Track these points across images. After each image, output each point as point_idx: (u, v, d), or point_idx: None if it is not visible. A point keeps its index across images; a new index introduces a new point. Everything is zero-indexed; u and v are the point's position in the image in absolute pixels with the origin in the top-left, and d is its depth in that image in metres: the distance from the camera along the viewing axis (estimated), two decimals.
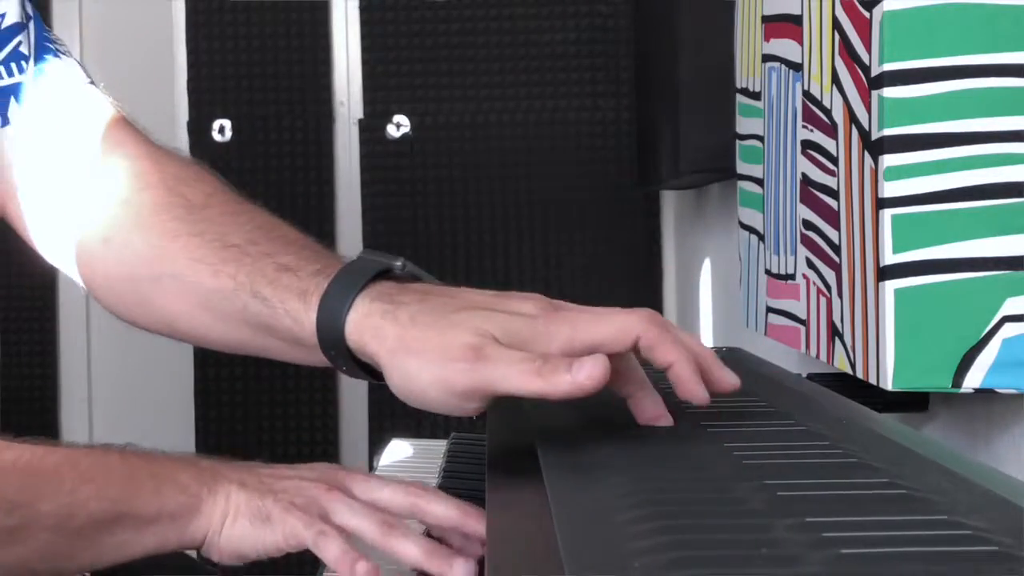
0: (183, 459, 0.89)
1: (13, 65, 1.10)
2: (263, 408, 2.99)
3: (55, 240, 1.11)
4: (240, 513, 0.86)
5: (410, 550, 0.83)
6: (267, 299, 0.93)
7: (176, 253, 1.01)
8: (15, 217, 1.13)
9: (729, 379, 0.84)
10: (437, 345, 0.82)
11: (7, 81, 1.10)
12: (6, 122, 1.10)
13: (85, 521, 0.84)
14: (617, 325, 0.81)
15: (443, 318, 0.83)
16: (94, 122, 1.11)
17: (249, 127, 2.98)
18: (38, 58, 1.12)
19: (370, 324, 0.86)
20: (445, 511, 0.86)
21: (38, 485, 0.83)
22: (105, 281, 1.08)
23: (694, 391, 0.81)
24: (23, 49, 1.11)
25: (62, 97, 1.12)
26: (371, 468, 1.38)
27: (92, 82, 1.13)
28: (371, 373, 0.89)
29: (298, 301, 0.91)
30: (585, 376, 0.77)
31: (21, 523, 0.82)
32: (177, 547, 0.87)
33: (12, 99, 1.10)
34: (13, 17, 1.11)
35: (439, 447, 1.33)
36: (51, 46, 1.13)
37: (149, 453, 0.89)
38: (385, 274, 0.89)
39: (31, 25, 1.12)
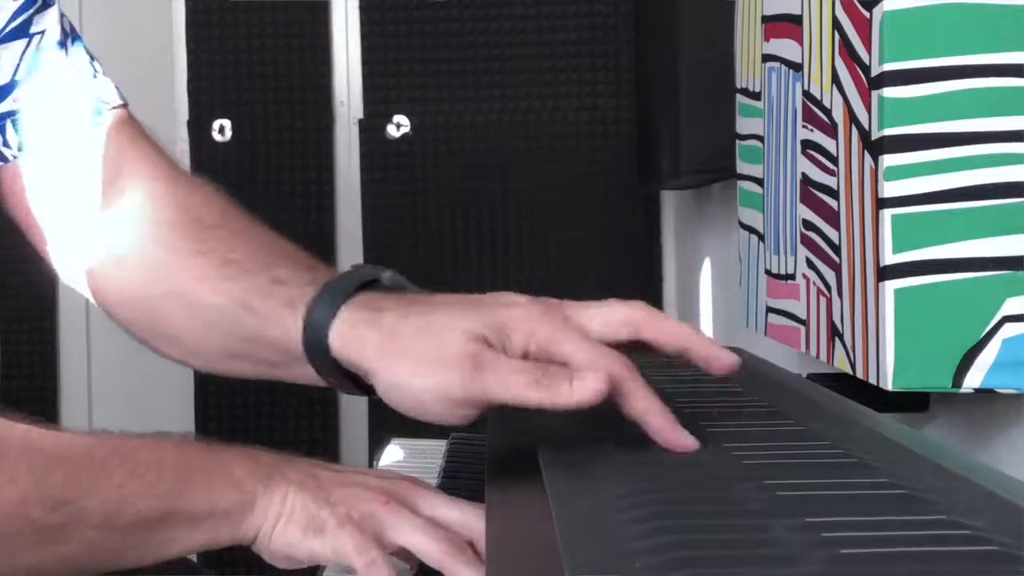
0: (240, 452, 0.86)
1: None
2: (263, 408, 2.99)
3: (75, 262, 1.11)
4: (294, 518, 0.83)
5: None
6: (258, 311, 0.94)
7: (183, 271, 1.02)
8: (38, 238, 1.13)
9: (727, 360, 0.81)
10: (431, 351, 0.81)
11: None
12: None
13: (133, 518, 0.81)
14: (595, 361, 0.80)
15: (431, 321, 0.83)
16: (119, 146, 1.11)
17: (249, 127, 2.99)
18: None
19: (354, 333, 0.86)
20: None
21: (85, 480, 0.80)
22: (119, 300, 1.09)
23: (672, 438, 0.78)
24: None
25: (86, 119, 1.11)
26: (371, 468, 1.38)
27: (124, 104, 1.13)
28: (358, 385, 0.89)
29: (286, 310, 0.91)
30: (590, 392, 0.77)
31: (66, 520, 0.79)
32: (229, 543, 0.84)
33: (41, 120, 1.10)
34: (54, 34, 1.11)
35: (439, 447, 1.33)
36: (91, 69, 1.13)
37: (205, 444, 0.86)
38: (372, 284, 0.89)
39: (69, 43, 1.12)
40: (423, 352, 0.82)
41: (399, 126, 2.95)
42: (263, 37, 2.99)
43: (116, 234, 1.08)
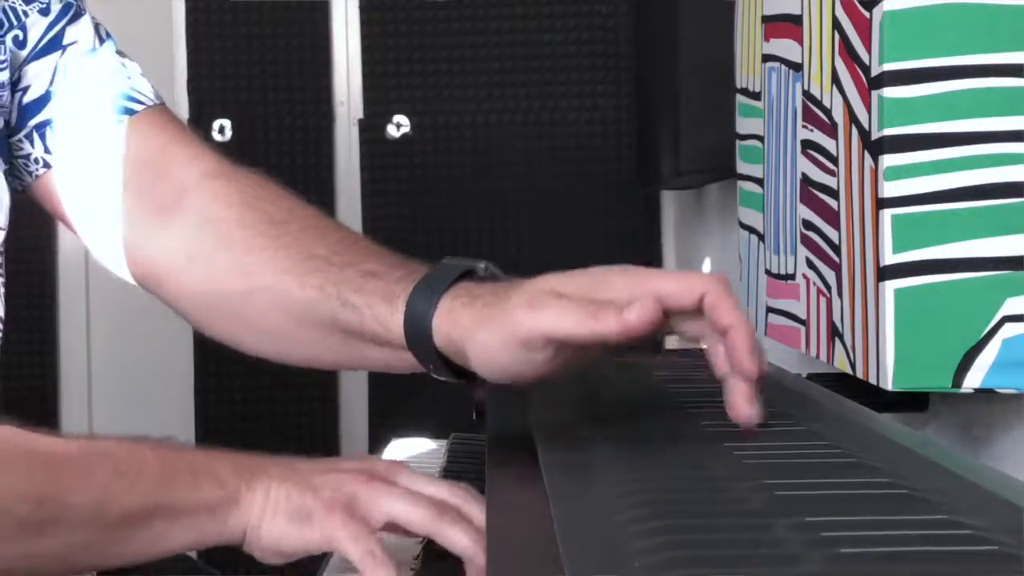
0: (220, 453, 0.88)
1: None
2: (263, 408, 2.99)
3: (118, 260, 1.12)
4: (279, 510, 0.84)
5: (460, 539, 0.82)
6: (355, 305, 0.96)
7: (263, 267, 1.03)
8: (83, 235, 1.14)
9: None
10: (501, 310, 0.84)
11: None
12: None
13: (117, 516, 0.82)
14: (685, 280, 0.82)
15: (512, 290, 0.86)
16: (165, 143, 1.12)
17: (249, 127, 2.99)
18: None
19: (452, 318, 0.88)
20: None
21: (69, 478, 0.81)
22: (192, 298, 1.10)
23: (745, 361, 0.80)
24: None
25: (120, 121, 1.13)
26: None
27: (162, 102, 1.15)
28: (458, 374, 0.90)
29: (384, 304, 0.93)
30: (635, 315, 0.79)
31: (50, 517, 0.80)
32: (216, 542, 0.85)
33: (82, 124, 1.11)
34: (87, 43, 1.13)
35: (439, 447, 1.33)
36: (123, 69, 1.14)
37: (185, 447, 0.88)
38: (468, 275, 0.92)
39: (101, 48, 1.14)
40: (496, 314, 0.85)
41: (399, 126, 2.95)
42: (263, 37, 2.99)
43: (182, 234, 1.09)
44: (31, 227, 2.52)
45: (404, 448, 1.38)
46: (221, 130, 2.98)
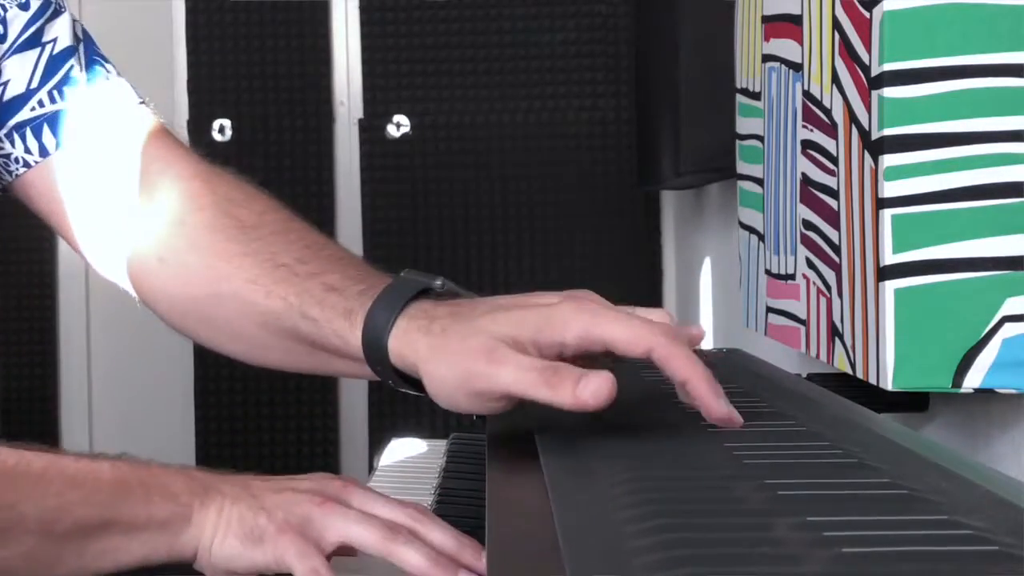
0: (175, 469, 0.88)
1: (66, 90, 1.12)
2: (263, 409, 2.99)
3: (110, 258, 1.13)
4: (231, 530, 0.84)
5: (413, 558, 0.83)
6: (315, 319, 0.97)
7: (232, 273, 1.04)
8: (69, 236, 1.14)
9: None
10: (459, 349, 0.85)
11: (59, 106, 1.11)
12: (59, 145, 1.11)
13: (71, 526, 0.83)
14: (632, 331, 0.82)
15: (468, 324, 0.86)
16: (144, 143, 1.13)
17: (249, 127, 2.99)
18: (88, 80, 1.14)
19: (408, 340, 0.89)
20: (442, 539, 0.85)
21: (23, 488, 0.82)
22: (166, 299, 1.11)
23: (714, 408, 0.81)
24: (74, 73, 1.13)
25: (113, 119, 1.14)
26: (371, 468, 1.38)
27: (143, 101, 1.15)
28: (418, 386, 0.91)
29: (344, 321, 0.94)
30: (590, 393, 0.79)
31: (4, 526, 0.81)
32: (167, 558, 0.86)
33: (62, 124, 1.11)
34: (65, 41, 1.13)
35: (439, 447, 1.33)
36: (102, 68, 1.15)
37: (141, 462, 0.88)
38: (425, 292, 0.92)
39: (81, 47, 1.14)
40: (454, 351, 0.85)
41: (399, 126, 2.95)
42: (263, 37, 2.99)
43: (156, 233, 1.10)
44: (31, 228, 2.52)
45: (404, 448, 1.37)
46: (221, 130, 2.98)
